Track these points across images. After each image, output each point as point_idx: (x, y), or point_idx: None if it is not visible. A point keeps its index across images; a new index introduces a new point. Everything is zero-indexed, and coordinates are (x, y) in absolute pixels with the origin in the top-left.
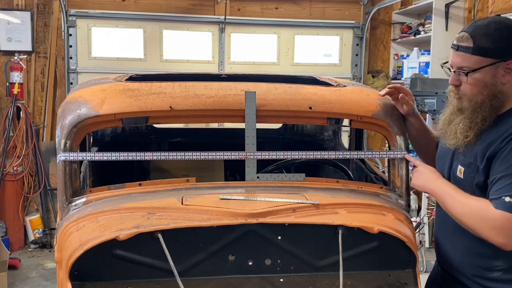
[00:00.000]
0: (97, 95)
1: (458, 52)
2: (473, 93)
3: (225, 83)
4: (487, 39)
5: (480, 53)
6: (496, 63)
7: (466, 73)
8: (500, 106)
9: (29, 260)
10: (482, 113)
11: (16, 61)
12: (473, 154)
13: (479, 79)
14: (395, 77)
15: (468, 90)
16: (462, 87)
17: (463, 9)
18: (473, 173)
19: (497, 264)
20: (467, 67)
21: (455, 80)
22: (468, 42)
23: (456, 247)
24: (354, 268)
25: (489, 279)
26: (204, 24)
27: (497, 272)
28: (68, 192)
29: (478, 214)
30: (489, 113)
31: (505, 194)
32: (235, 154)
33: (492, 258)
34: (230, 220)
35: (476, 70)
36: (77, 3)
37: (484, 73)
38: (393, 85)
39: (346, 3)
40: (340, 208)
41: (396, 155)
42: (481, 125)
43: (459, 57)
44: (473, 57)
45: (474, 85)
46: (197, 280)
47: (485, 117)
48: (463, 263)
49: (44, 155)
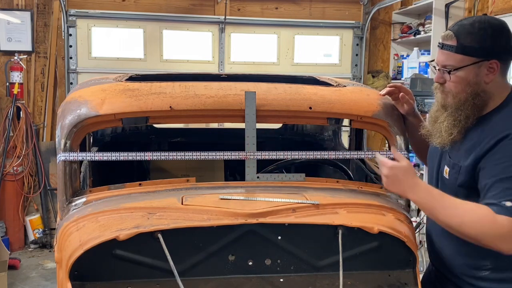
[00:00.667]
0: (97, 95)
1: (442, 50)
2: (457, 90)
3: (225, 83)
4: (470, 38)
5: (463, 51)
6: (479, 62)
7: (449, 71)
8: (483, 105)
9: (29, 260)
10: (465, 111)
11: (16, 61)
12: (458, 155)
13: (462, 77)
14: (395, 77)
15: (452, 88)
16: (447, 84)
17: (463, 9)
18: (456, 174)
19: (485, 263)
20: (450, 65)
21: (440, 78)
22: (452, 40)
23: (446, 247)
24: (354, 268)
25: (478, 278)
26: (204, 24)
27: (485, 271)
28: (68, 192)
29: (484, 222)
30: (471, 112)
31: (504, 199)
32: (235, 154)
33: (480, 258)
34: (230, 220)
35: (459, 69)
36: (77, 3)
37: (467, 72)
38: (393, 84)
39: (346, 3)
40: (340, 208)
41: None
42: (465, 123)
43: (444, 55)
44: (456, 55)
45: (458, 82)
46: (197, 280)
47: (468, 115)
48: (453, 262)
49: (44, 155)
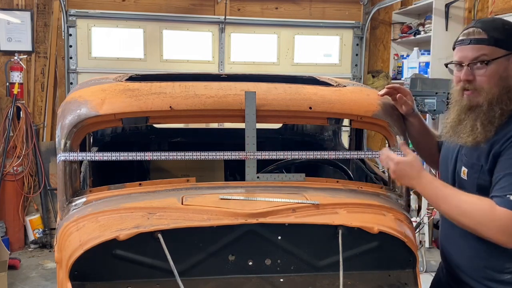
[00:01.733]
0: (97, 95)
1: (470, 45)
2: (490, 85)
3: (225, 83)
4: (498, 32)
5: (496, 43)
6: (508, 54)
7: (487, 62)
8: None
9: (29, 260)
10: (500, 106)
11: (16, 61)
12: (476, 155)
13: (494, 71)
14: (395, 77)
15: (485, 83)
16: (478, 80)
17: (463, 9)
18: (476, 173)
19: (508, 266)
20: (485, 54)
21: (469, 75)
22: (481, 34)
23: (464, 250)
24: (354, 268)
25: (499, 282)
26: (204, 24)
27: (508, 274)
28: (68, 192)
29: (484, 213)
30: (506, 106)
31: (509, 192)
32: (235, 154)
33: (502, 260)
34: (230, 220)
35: (493, 61)
36: (77, 3)
37: (499, 65)
38: (391, 85)
39: (346, 3)
40: (340, 208)
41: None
42: (499, 120)
43: (473, 49)
44: (488, 47)
45: (491, 76)
46: (197, 280)
47: (503, 110)
48: (472, 266)
49: (44, 155)
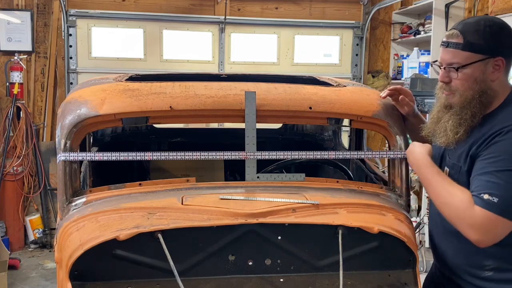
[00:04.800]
0: (97, 95)
1: (448, 48)
2: (464, 88)
3: (225, 83)
4: (477, 35)
5: (470, 48)
6: (485, 59)
7: (457, 69)
8: (488, 103)
9: (29, 260)
10: (472, 109)
11: (16, 61)
12: (457, 155)
13: (469, 75)
14: (395, 77)
15: (459, 86)
16: (453, 83)
17: (463, 9)
18: (456, 175)
19: (488, 263)
20: (457, 62)
21: (445, 77)
22: (458, 38)
23: (449, 247)
24: (354, 268)
25: (481, 279)
26: (204, 24)
27: (489, 271)
28: (68, 192)
29: (460, 207)
30: (478, 110)
31: (484, 191)
32: (235, 154)
33: (482, 258)
34: (230, 220)
35: (466, 66)
36: (77, 3)
37: (474, 69)
38: (393, 87)
39: (346, 3)
40: (340, 208)
41: (396, 155)
42: (471, 122)
43: (449, 53)
44: (463, 52)
45: (465, 80)
46: (197, 280)
47: (474, 114)
48: (456, 263)
49: (44, 155)
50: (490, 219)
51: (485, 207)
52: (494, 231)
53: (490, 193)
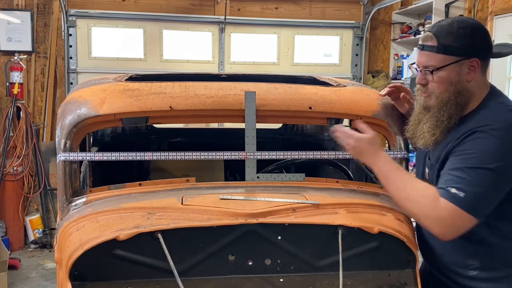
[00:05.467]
0: (97, 95)
1: (423, 51)
2: (439, 90)
3: (225, 83)
4: (450, 38)
5: (444, 51)
6: (460, 60)
7: (432, 71)
8: (465, 104)
9: (29, 260)
10: (448, 111)
11: (16, 61)
12: (435, 157)
13: (444, 77)
14: (395, 77)
15: (435, 88)
16: (429, 85)
17: (463, 9)
18: (433, 175)
19: (472, 262)
20: (432, 65)
21: (422, 79)
22: (432, 41)
23: (435, 246)
24: (354, 268)
25: (467, 278)
26: (204, 24)
27: (473, 270)
28: (68, 192)
29: (425, 200)
30: (454, 111)
31: (452, 185)
32: (235, 154)
33: (467, 257)
34: (230, 220)
35: (441, 68)
36: (77, 3)
37: (449, 71)
38: (393, 85)
39: (346, 3)
40: (340, 208)
41: (396, 155)
42: (447, 123)
43: (425, 56)
44: (437, 55)
45: (440, 82)
46: (197, 280)
47: (450, 115)
48: (442, 262)
49: (44, 155)
50: (454, 213)
51: (450, 200)
52: (456, 224)
53: (457, 187)
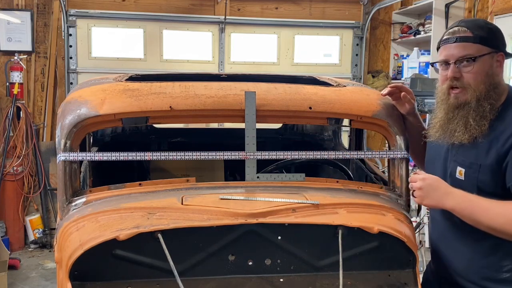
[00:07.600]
0: (97, 95)
1: (456, 43)
2: (477, 82)
3: (225, 83)
4: (482, 30)
5: (480, 41)
6: (492, 52)
7: (474, 59)
8: (498, 98)
9: (29, 260)
10: (489, 101)
11: (16, 61)
12: (474, 154)
13: (480, 68)
14: (395, 77)
15: (471, 80)
16: (465, 78)
17: (463, 9)
18: (475, 173)
19: (505, 263)
20: (470, 54)
21: (456, 72)
22: (466, 33)
23: (462, 253)
24: (354, 268)
25: (497, 281)
26: (204, 24)
27: (506, 273)
28: (68, 192)
29: None
30: (495, 101)
31: None
32: (235, 154)
33: (500, 259)
34: (230, 220)
35: (479, 57)
36: (77, 3)
37: (484, 62)
38: (394, 84)
39: (346, 3)
40: (340, 208)
41: (396, 155)
42: (490, 114)
43: (459, 47)
44: (474, 45)
45: (478, 73)
46: (197, 280)
47: (492, 105)
48: (469, 268)
49: (44, 155)
50: None
51: None
52: None
53: None
